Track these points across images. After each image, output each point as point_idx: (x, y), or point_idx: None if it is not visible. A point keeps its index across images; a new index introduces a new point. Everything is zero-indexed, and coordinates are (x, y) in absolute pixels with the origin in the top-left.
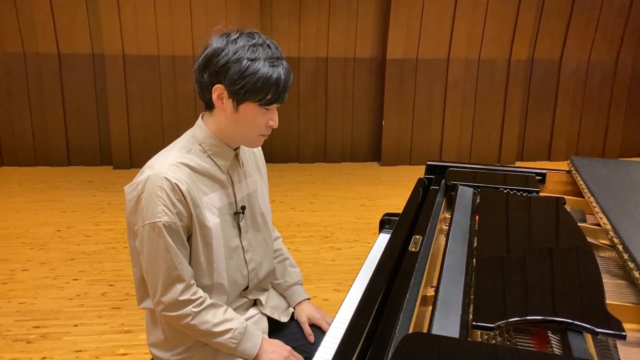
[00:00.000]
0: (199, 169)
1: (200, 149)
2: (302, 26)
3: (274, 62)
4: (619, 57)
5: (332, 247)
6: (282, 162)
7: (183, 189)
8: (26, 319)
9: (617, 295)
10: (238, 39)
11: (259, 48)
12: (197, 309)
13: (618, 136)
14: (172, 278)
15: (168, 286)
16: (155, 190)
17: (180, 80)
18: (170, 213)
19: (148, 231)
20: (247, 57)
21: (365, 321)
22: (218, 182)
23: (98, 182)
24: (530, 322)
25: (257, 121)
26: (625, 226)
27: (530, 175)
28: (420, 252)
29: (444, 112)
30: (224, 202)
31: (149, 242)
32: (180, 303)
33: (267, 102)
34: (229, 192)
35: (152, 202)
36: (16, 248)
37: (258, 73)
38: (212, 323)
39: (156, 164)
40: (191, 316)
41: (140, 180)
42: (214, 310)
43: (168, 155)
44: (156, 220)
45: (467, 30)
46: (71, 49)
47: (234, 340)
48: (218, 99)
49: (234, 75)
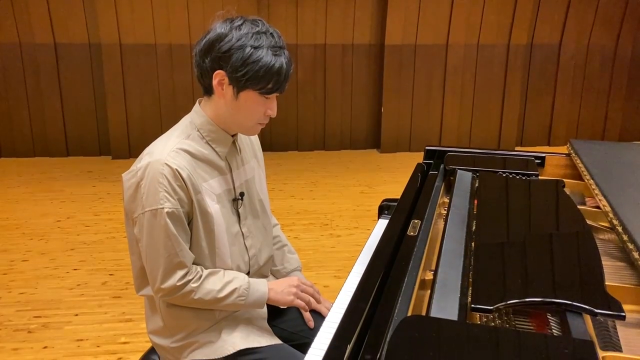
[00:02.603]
0: (198, 155)
1: (198, 135)
2: (300, 13)
3: (276, 51)
4: (619, 41)
5: (331, 235)
6: (281, 150)
7: (184, 175)
8: (27, 309)
9: (616, 277)
10: (242, 25)
11: (263, 36)
12: (197, 283)
13: (617, 120)
14: (174, 265)
15: (169, 273)
16: (156, 177)
17: (178, 69)
18: (172, 199)
19: (148, 218)
20: (250, 45)
21: (364, 305)
22: (217, 169)
23: (97, 173)
24: (529, 304)
25: (256, 109)
26: (625, 208)
27: (529, 158)
28: (419, 236)
29: (444, 98)
30: (223, 189)
31: (149, 230)
32: (179, 287)
33: (268, 91)
34: (228, 178)
35: (153, 189)
36: (16, 239)
37: (261, 61)
38: (215, 290)
39: (155, 150)
40: (194, 292)
41: (139, 167)
42: (212, 277)
43: (167, 142)
44: (158, 207)
45: (466, 16)
46: (67, 39)
47: (242, 298)
48: (218, 84)
49: (236, 62)
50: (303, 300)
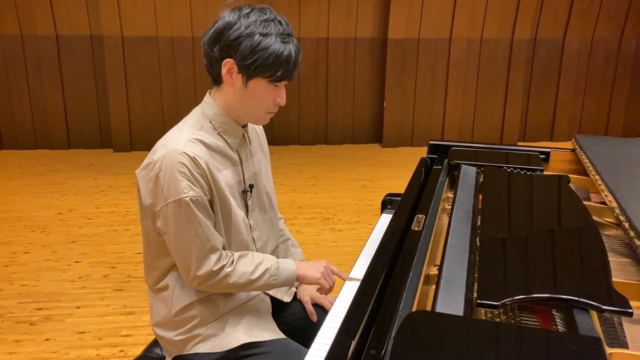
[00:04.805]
0: (212, 145)
1: (210, 126)
2: (303, 6)
3: (285, 38)
4: (623, 36)
5: (333, 229)
6: (283, 144)
7: (202, 163)
8: (29, 301)
9: (622, 273)
10: (250, 13)
11: (271, 24)
12: (231, 268)
13: (621, 116)
14: (206, 250)
15: (203, 259)
16: (176, 167)
17: (180, 62)
18: (195, 187)
19: (173, 209)
20: (259, 32)
21: (369, 300)
22: (229, 160)
23: (98, 165)
24: (535, 300)
25: (266, 97)
26: (632, 204)
27: (534, 154)
28: (424, 231)
29: (446, 93)
30: (234, 180)
31: (175, 220)
32: (215, 272)
33: (277, 79)
34: (239, 170)
35: (174, 179)
36: (18, 231)
37: (270, 49)
38: (249, 272)
39: (169, 142)
40: (229, 276)
41: (155, 159)
42: (244, 260)
43: (181, 133)
44: (182, 197)
45: (469, 10)
46: (69, 31)
47: (274, 277)
48: (227, 73)
49: (245, 50)
50: (328, 282)
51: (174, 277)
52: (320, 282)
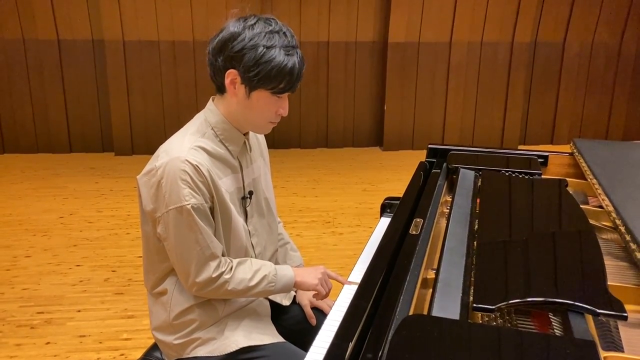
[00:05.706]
0: (214, 153)
1: (212, 133)
2: (303, 10)
3: (289, 50)
4: (623, 39)
5: (334, 232)
6: (284, 147)
7: (205, 171)
8: (30, 304)
9: (618, 276)
10: (255, 24)
11: (276, 35)
12: (229, 274)
13: (621, 119)
14: (206, 257)
15: (202, 266)
16: (178, 174)
17: (181, 66)
18: (197, 195)
19: (174, 216)
20: (263, 44)
21: (366, 303)
22: (230, 167)
23: (100, 169)
24: (531, 303)
25: (268, 109)
26: (628, 208)
27: (532, 157)
28: (421, 235)
29: (447, 96)
30: (234, 187)
31: (175, 227)
32: (214, 279)
33: (280, 91)
34: (239, 177)
35: (176, 186)
36: (19, 235)
37: (273, 61)
38: (247, 279)
39: (172, 148)
40: (227, 283)
41: (158, 165)
42: (242, 267)
43: (183, 140)
44: (184, 204)
45: (470, 13)
46: (71, 35)
47: (272, 284)
48: (231, 84)
49: (249, 61)
50: (325, 288)
51: (173, 281)
52: (318, 289)
